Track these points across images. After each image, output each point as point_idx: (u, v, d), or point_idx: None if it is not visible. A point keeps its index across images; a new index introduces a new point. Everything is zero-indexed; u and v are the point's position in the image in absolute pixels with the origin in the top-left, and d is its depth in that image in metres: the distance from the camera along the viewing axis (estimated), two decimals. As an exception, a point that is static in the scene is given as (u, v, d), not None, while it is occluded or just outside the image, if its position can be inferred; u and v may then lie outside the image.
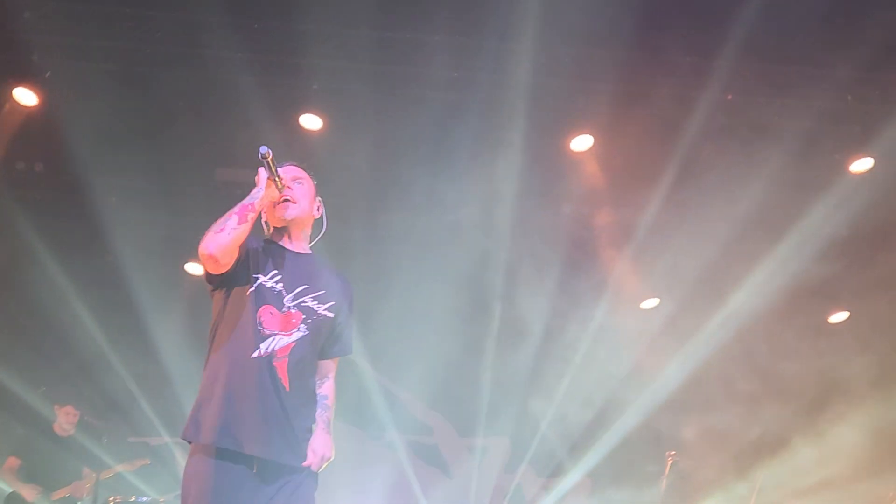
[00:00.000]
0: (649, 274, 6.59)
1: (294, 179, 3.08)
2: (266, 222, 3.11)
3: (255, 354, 2.84)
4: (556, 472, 7.63)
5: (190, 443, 2.83)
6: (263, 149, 2.86)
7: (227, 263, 2.84)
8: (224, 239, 2.75)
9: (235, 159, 6.30)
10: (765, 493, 5.87)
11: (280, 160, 2.98)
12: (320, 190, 3.18)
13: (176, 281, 6.91)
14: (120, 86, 5.42)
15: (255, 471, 2.80)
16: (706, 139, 5.58)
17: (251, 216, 2.82)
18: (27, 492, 6.12)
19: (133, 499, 6.28)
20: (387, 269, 6.23)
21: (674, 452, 6.35)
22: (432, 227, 6.10)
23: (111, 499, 6.18)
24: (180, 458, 7.26)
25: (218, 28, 5.16)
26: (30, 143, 5.95)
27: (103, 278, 6.60)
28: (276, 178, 2.91)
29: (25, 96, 5.58)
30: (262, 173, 2.92)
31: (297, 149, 5.92)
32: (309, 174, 3.18)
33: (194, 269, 6.83)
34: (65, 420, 6.52)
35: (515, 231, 6.12)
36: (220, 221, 2.79)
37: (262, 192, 2.90)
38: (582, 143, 5.87)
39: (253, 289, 2.91)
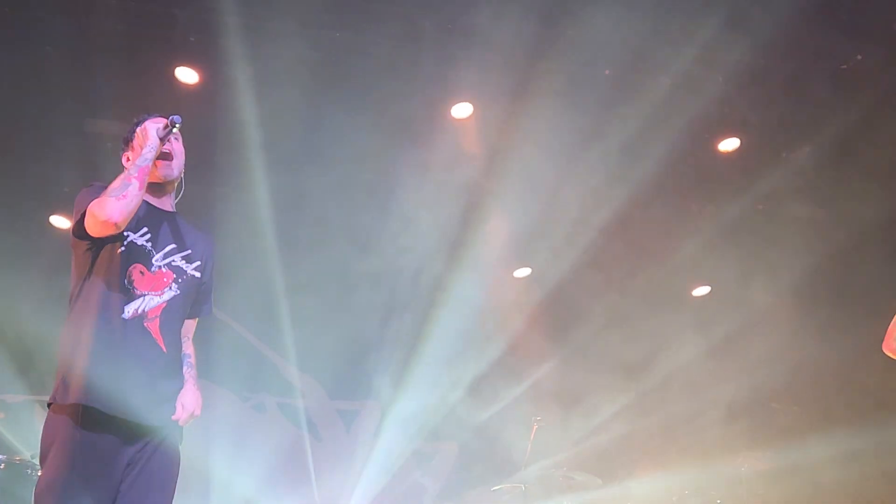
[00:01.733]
0: (516, 245, 6.99)
1: (174, 136, 3.05)
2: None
3: (126, 315, 2.83)
4: (427, 439, 7.93)
5: (50, 405, 2.78)
6: (178, 118, 2.86)
7: (122, 228, 2.80)
8: (129, 206, 2.71)
9: (106, 112, 6.18)
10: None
11: (153, 113, 2.96)
12: (197, 146, 3.23)
13: (41, 234, 6.78)
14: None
15: (120, 431, 2.78)
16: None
17: (146, 179, 2.79)
18: None
19: None
20: (258, 231, 6.30)
21: (539, 418, 6.76)
22: (306, 186, 6.22)
23: None
24: (37, 416, 7.11)
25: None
26: None
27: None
28: (165, 144, 2.90)
29: None
30: (153, 133, 2.88)
31: (172, 103, 5.80)
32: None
33: (60, 222, 6.71)
34: None
35: (391, 198, 6.33)
36: (117, 186, 2.73)
37: (153, 153, 2.85)
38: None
39: (123, 247, 2.86)
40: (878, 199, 6.20)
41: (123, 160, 3.04)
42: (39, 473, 2.82)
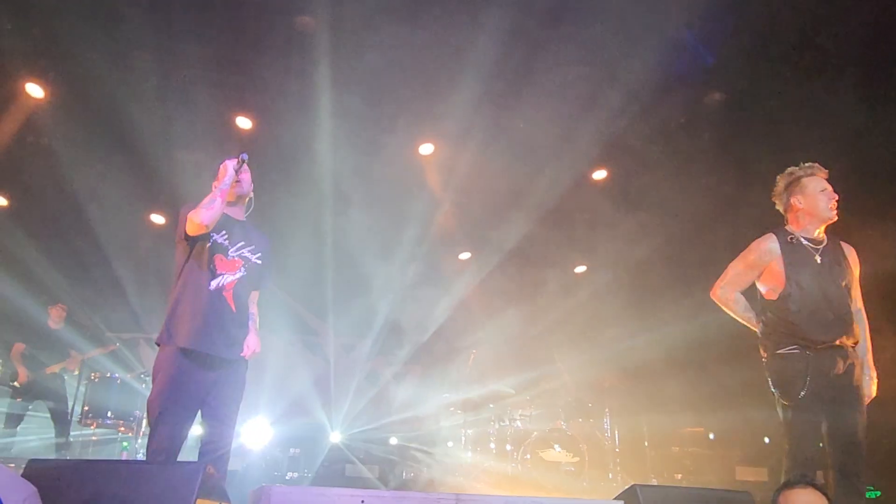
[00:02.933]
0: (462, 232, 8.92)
1: (244, 168, 3.85)
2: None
3: (211, 287, 3.66)
4: (400, 362, 9.75)
5: (159, 345, 3.63)
6: (245, 156, 3.74)
7: (210, 229, 3.62)
8: (215, 214, 3.57)
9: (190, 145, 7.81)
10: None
11: (231, 154, 3.88)
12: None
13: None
14: None
15: (205, 363, 3.61)
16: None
17: (226, 198, 3.67)
18: (21, 372, 7.55)
19: (108, 375, 7.95)
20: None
21: (475, 350, 8.76)
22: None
23: (93, 374, 7.94)
24: (143, 349, 9.17)
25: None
26: None
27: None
28: (237, 174, 3.70)
29: None
30: (230, 168, 3.71)
31: (231, 142, 7.70)
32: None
33: (157, 219, 8.71)
34: (56, 316, 7.88)
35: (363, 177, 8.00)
36: (207, 202, 3.56)
37: (230, 180, 3.69)
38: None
39: (209, 243, 3.71)
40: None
41: (213, 184, 3.83)
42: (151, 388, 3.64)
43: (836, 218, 4.09)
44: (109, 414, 7.71)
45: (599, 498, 5.80)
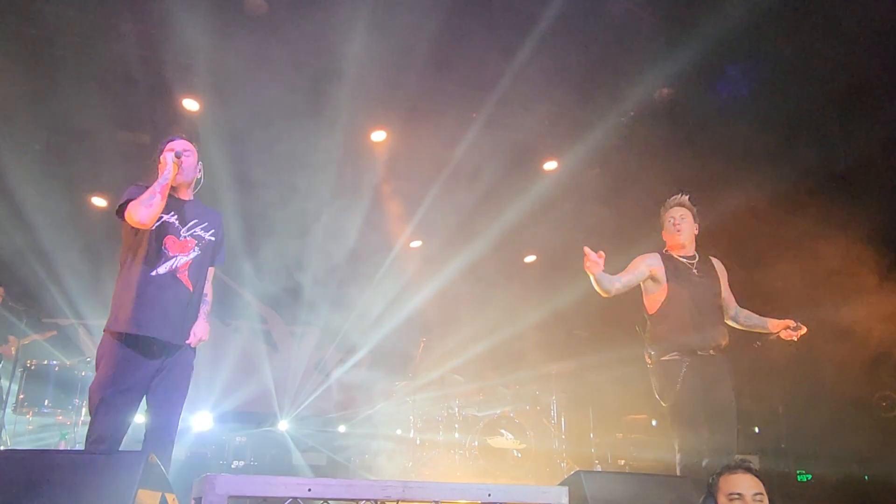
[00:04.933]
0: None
1: (184, 151, 3.75)
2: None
3: (162, 270, 3.64)
4: (349, 351, 9.86)
5: (105, 331, 3.57)
6: (179, 151, 3.70)
7: (150, 225, 3.58)
8: (153, 212, 3.54)
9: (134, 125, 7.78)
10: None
11: (171, 135, 3.84)
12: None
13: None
14: None
15: (150, 348, 3.56)
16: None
17: (166, 192, 3.61)
18: None
19: (46, 362, 7.67)
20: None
21: (425, 339, 8.68)
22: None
23: (28, 361, 7.66)
24: (82, 335, 9.02)
25: None
26: None
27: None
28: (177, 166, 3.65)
29: None
30: (169, 158, 3.64)
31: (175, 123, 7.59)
32: (194, 145, 3.88)
33: (99, 202, 8.60)
34: None
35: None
36: (146, 198, 3.51)
37: (169, 175, 3.63)
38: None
39: (159, 224, 3.66)
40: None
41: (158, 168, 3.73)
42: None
43: (685, 243, 4.58)
44: (46, 402, 7.50)
45: (546, 484, 5.88)
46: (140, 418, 3.73)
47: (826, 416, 7.14)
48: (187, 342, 3.70)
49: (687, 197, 4.72)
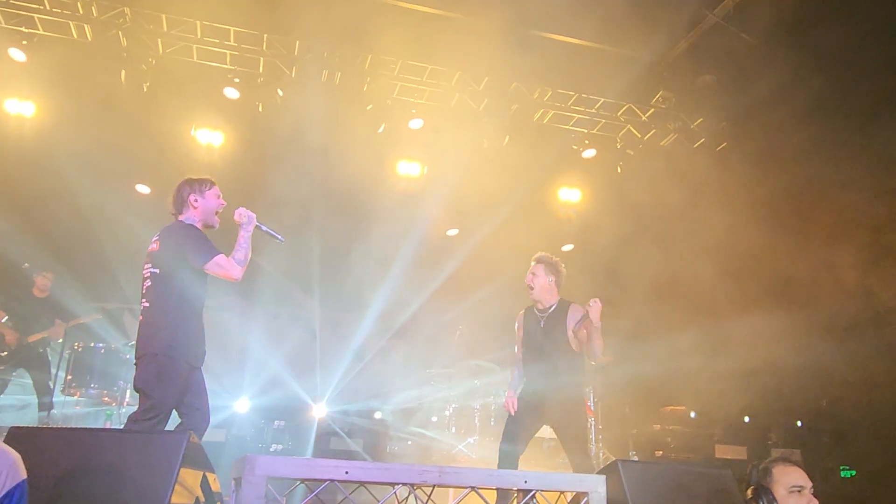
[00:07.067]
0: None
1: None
2: (202, 225, 4.25)
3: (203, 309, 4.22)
4: (387, 338, 10.01)
5: (156, 354, 3.93)
6: (280, 238, 4.27)
7: None
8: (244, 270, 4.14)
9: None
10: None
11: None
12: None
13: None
14: None
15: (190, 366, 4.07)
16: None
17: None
18: (9, 335, 7.51)
19: (92, 344, 7.95)
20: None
21: (461, 327, 8.99)
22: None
23: (76, 343, 7.92)
24: (127, 319, 9.26)
25: None
26: None
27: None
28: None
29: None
30: (249, 215, 4.17)
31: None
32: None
33: (143, 189, 8.91)
34: (41, 284, 7.74)
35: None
36: (242, 258, 4.08)
37: (252, 227, 4.18)
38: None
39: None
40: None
41: (190, 197, 4.21)
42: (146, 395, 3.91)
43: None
44: (93, 384, 7.71)
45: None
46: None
47: (872, 411, 6.97)
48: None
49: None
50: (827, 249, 7.00)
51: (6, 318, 7.69)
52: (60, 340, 8.07)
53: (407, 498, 3.42)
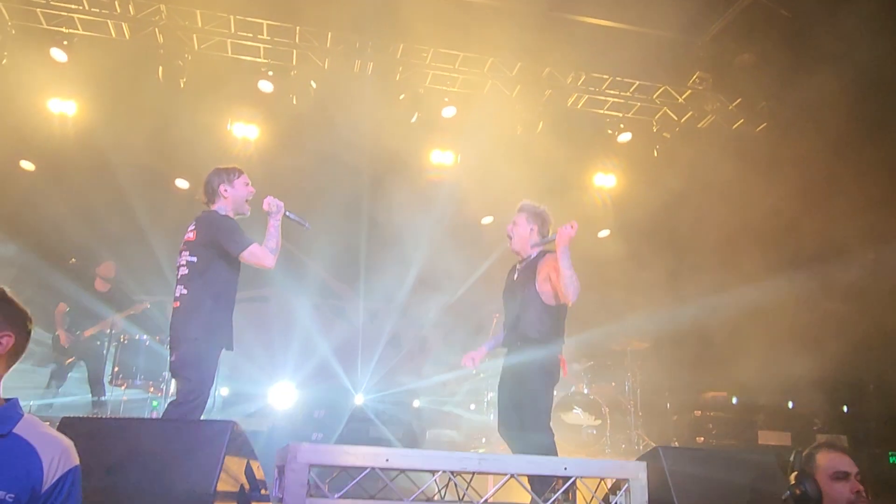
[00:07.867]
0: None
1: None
2: (234, 213, 4.33)
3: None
4: (424, 326, 10.13)
5: (195, 339, 4.04)
6: (308, 225, 4.37)
7: None
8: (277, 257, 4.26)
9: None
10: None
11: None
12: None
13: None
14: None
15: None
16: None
17: None
18: (63, 336, 7.71)
19: (137, 337, 8.03)
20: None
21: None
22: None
23: (122, 336, 8.02)
24: (168, 312, 9.41)
25: None
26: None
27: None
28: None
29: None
30: (278, 203, 4.25)
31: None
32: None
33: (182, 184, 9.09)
34: (104, 273, 7.91)
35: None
36: (274, 247, 4.19)
37: (281, 215, 4.27)
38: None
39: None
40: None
41: (220, 187, 4.31)
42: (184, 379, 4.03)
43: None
44: (139, 376, 7.87)
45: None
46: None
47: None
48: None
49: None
50: (875, 228, 6.81)
51: (68, 308, 7.90)
52: (110, 333, 8.18)
53: (447, 485, 3.45)
